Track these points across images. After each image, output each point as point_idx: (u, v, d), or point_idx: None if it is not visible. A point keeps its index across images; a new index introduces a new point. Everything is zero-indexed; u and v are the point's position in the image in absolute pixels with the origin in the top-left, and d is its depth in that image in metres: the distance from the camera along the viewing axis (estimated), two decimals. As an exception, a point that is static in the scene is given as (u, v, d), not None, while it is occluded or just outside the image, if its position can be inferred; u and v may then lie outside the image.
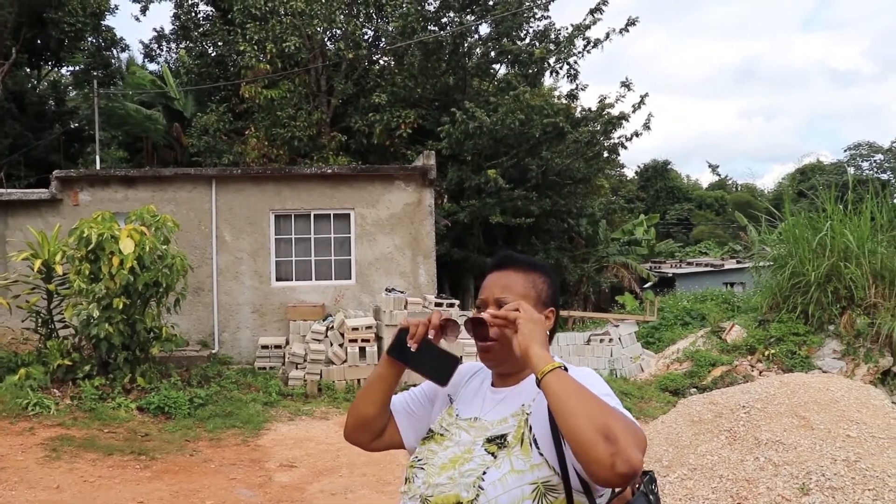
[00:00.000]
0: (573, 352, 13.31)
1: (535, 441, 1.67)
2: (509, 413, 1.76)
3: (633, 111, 18.92)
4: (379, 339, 11.79)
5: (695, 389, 11.63)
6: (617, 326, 14.13)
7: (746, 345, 12.83)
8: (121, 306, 9.48)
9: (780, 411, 5.46)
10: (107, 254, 9.50)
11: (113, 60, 25.22)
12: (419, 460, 1.81)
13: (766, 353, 12.43)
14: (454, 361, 1.83)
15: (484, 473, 1.64)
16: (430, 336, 1.83)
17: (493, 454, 1.67)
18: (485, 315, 1.73)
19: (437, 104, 20.07)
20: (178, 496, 6.69)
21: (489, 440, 1.71)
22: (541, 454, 1.65)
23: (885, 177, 36.58)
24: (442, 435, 1.83)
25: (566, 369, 1.59)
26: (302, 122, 18.94)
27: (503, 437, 1.69)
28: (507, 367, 1.82)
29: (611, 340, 13.40)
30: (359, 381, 11.33)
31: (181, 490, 6.87)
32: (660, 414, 7.05)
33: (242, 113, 20.70)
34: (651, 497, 1.69)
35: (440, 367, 1.83)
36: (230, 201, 13.20)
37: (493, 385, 1.87)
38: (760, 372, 11.93)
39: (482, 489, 1.62)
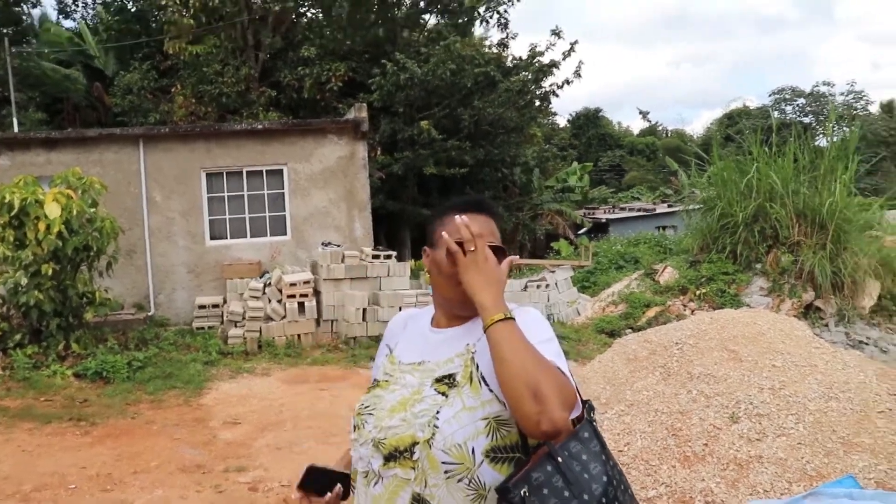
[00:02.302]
0: (510, 298, 13.28)
1: (483, 379, 1.69)
2: (454, 353, 1.78)
3: (564, 59, 19.04)
4: (317, 293, 11.80)
5: (630, 330, 11.97)
6: (553, 272, 14.40)
7: (679, 285, 13.23)
8: (50, 272, 9.25)
9: (710, 346, 5.69)
10: (32, 219, 9.24)
11: (24, 17, 24.10)
12: (366, 407, 1.82)
13: (698, 292, 12.85)
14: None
15: (438, 412, 1.67)
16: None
17: (443, 393, 1.69)
18: (477, 246, 1.70)
19: (368, 56, 19.82)
20: (122, 459, 6.67)
21: (437, 380, 1.73)
22: (490, 390, 1.66)
23: (807, 120, 37.64)
24: (386, 381, 1.85)
25: (513, 318, 1.62)
26: (230, 78, 18.52)
27: (451, 376, 1.72)
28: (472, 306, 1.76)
29: (547, 286, 13.65)
30: (299, 336, 11.36)
31: (124, 453, 6.84)
32: (596, 355, 7.27)
33: (167, 70, 20.13)
34: (594, 424, 1.72)
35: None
36: (159, 161, 12.90)
37: (433, 327, 1.89)
38: (692, 311, 12.33)
39: (437, 427, 1.65)
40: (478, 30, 23.38)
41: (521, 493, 1.57)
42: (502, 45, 21.28)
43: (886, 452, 4.47)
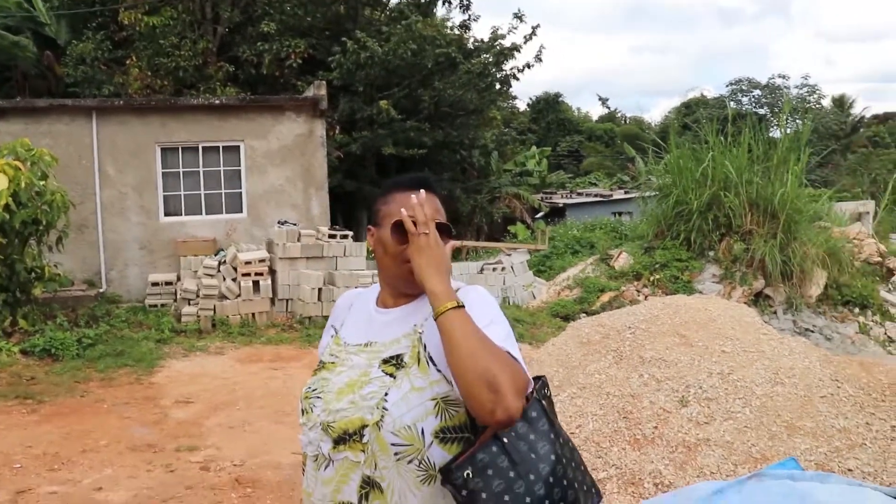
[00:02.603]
0: (467, 281, 13.32)
1: (430, 359, 1.69)
2: (401, 334, 1.77)
3: (525, 42, 19.07)
4: (272, 272, 11.71)
5: (584, 315, 12.10)
6: (509, 255, 14.48)
7: (633, 271, 13.42)
8: (-4, 246, 9.04)
9: (662, 331, 5.78)
10: (-23, 190, 8.99)
11: (-31, -21, 23.24)
12: (314, 390, 1.80)
13: (652, 278, 13.05)
14: None
15: (386, 394, 1.66)
16: None
17: (391, 375, 1.68)
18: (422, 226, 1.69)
19: (328, 34, 19.59)
20: (70, 438, 6.56)
21: (385, 361, 1.72)
22: (438, 371, 1.67)
23: (762, 111, 38.21)
24: (332, 363, 1.83)
25: (462, 306, 1.61)
26: (187, 51, 18.16)
27: (398, 357, 1.71)
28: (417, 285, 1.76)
29: (503, 269, 13.73)
30: (253, 315, 11.27)
31: (72, 432, 6.74)
32: (550, 338, 7.35)
33: (122, 41, 19.64)
34: (544, 402, 1.71)
35: None
36: (112, 134, 12.62)
37: (379, 307, 1.87)
38: (646, 296, 12.52)
39: (386, 409, 1.64)
40: (440, 10, 23.26)
41: (465, 474, 1.57)
42: (464, 26, 21.21)
43: (827, 436, 4.61)
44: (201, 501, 5.11)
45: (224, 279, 11.38)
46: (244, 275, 11.33)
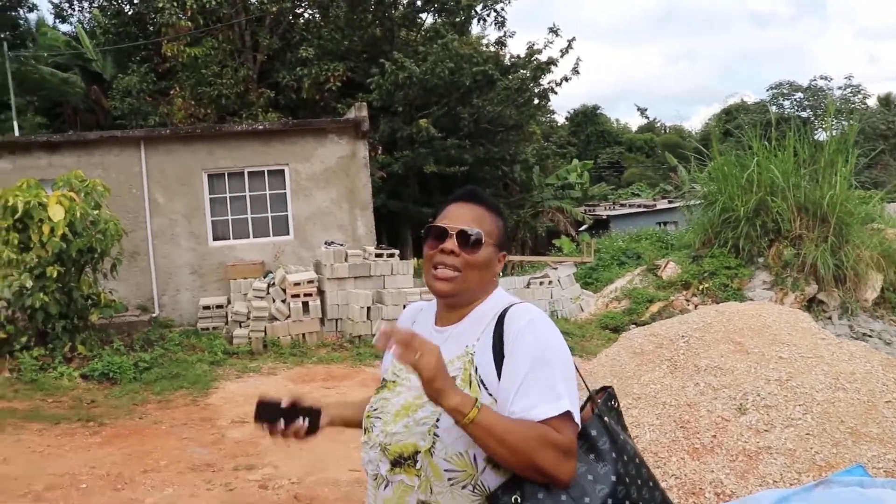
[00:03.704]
0: (514, 296, 13.55)
1: (482, 382, 1.67)
2: (455, 355, 1.74)
3: (562, 56, 19.08)
4: (321, 292, 11.83)
5: (634, 326, 12.00)
6: (555, 269, 14.44)
7: (681, 280, 13.27)
8: (55, 275, 9.27)
9: (716, 338, 5.71)
10: (35, 222, 9.25)
11: (21, 21, 24.08)
12: (375, 409, 1.82)
13: (701, 287, 12.89)
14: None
15: (438, 420, 1.65)
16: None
17: None
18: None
19: (366, 56, 19.85)
20: (132, 459, 6.69)
21: None
22: (490, 394, 1.66)
23: (804, 114, 37.60)
24: (394, 382, 1.83)
25: (481, 406, 1.58)
26: (228, 79, 18.55)
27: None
28: (460, 299, 1.81)
29: (550, 283, 13.69)
30: (304, 335, 11.39)
31: (134, 453, 6.87)
32: (600, 351, 7.30)
33: (166, 72, 20.13)
34: (606, 419, 1.71)
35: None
36: (161, 163, 12.93)
37: (437, 325, 1.86)
38: (696, 306, 12.37)
39: (437, 436, 1.64)
40: (475, 28, 23.45)
41: (513, 499, 1.58)
42: (500, 43, 21.35)
43: (895, 442, 4.50)
44: (261, 520, 5.16)
45: (273, 301, 11.53)
46: (293, 296, 11.46)
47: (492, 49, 21.27)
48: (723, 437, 4.77)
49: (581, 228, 24.89)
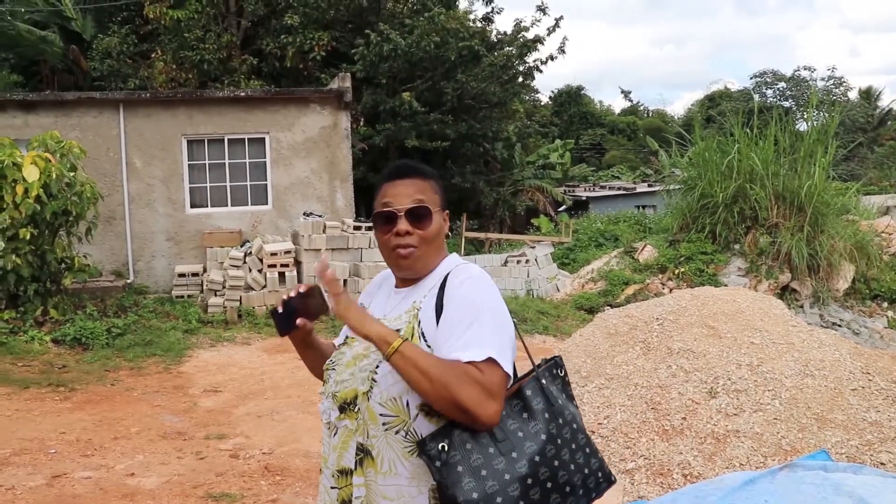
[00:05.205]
0: (491, 273, 13.51)
1: (423, 334, 1.77)
2: (404, 310, 1.86)
3: (548, 34, 18.99)
4: (298, 263, 11.79)
5: (609, 307, 12.06)
6: (533, 248, 14.47)
7: (658, 264, 13.36)
8: (28, 237, 9.16)
9: (690, 322, 5.76)
10: (9, 182, 9.12)
11: (-4, -25, 23.47)
12: (332, 362, 1.93)
13: (676, 271, 12.99)
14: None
15: (377, 367, 1.76)
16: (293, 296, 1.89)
17: None
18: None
19: (351, 26, 19.60)
20: (102, 425, 6.66)
21: None
22: (428, 346, 1.74)
23: (787, 104, 37.77)
24: (353, 339, 1.92)
25: (405, 339, 1.68)
26: (211, 44, 18.26)
27: (397, 332, 1.75)
28: (424, 270, 1.90)
29: (527, 262, 13.72)
30: (279, 306, 11.34)
31: (104, 419, 6.84)
32: (575, 331, 7.35)
33: (147, 35, 19.77)
34: (543, 381, 1.77)
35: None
36: (139, 127, 12.75)
37: (396, 287, 1.96)
38: (671, 290, 12.46)
39: (375, 381, 1.74)
40: (463, 3, 23.24)
41: (440, 446, 1.64)
42: (487, 19, 21.15)
43: (858, 429, 4.58)
44: (231, 488, 5.17)
45: (250, 270, 11.47)
46: (270, 266, 11.42)
47: (478, 25, 21.05)
48: (692, 419, 4.83)
49: (560, 209, 24.95)
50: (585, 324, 7.67)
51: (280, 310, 1.88)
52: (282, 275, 11.44)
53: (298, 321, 1.86)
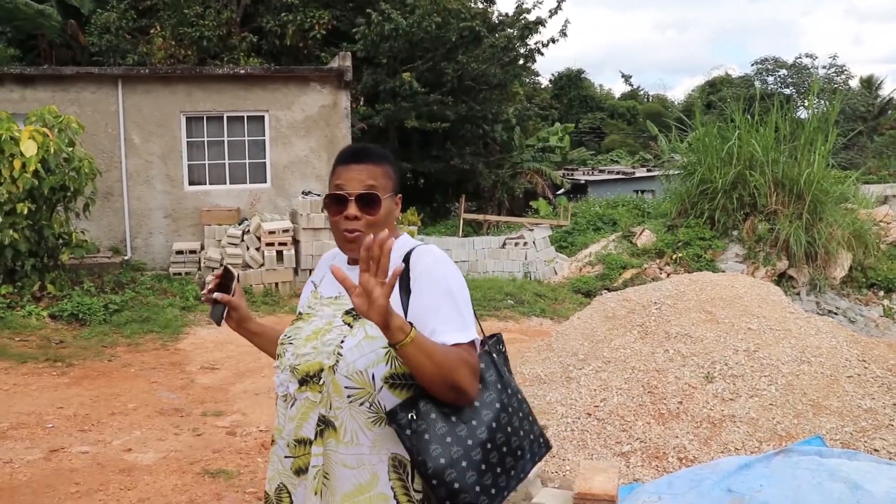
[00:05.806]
0: (488, 255, 13.61)
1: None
2: None
3: (550, 17, 18.89)
4: (296, 242, 11.78)
5: (606, 291, 12.10)
6: (531, 231, 14.47)
7: (656, 249, 13.38)
8: (25, 211, 9.14)
9: (688, 307, 5.78)
10: (6, 156, 9.09)
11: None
12: (287, 337, 1.96)
13: (674, 256, 13.01)
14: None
15: (342, 341, 1.80)
16: (213, 288, 2.10)
17: (349, 324, 1.82)
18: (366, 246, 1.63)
19: (352, 5, 19.47)
20: (99, 400, 6.68)
21: (346, 312, 1.86)
22: None
23: (787, 91, 37.64)
24: (308, 314, 1.99)
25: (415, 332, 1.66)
26: (211, 21, 18.12)
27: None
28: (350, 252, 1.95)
29: (525, 244, 13.73)
30: (276, 284, 11.35)
31: (101, 395, 6.86)
32: (571, 314, 7.36)
33: (146, 10, 19.61)
34: (494, 355, 1.86)
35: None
36: (138, 103, 12.68)
37: (350, 263, 1.97)
38: (668, 274, 12.50)
39: (341, 355, 1.78)
40: (465, -17, 23.01)
41: (409, 416, 1.71)
42: (489, 0, 21.03)
43: (853, 415, 4.60)
44: (228, 465, 5.20)
45: (248, 248, 11.47)
46: (268, 244, 11.41)
47: (480, 6, 20.92)
48: (689, 403, 4.85)
49: (559, 192, 24.90)
50: (582, 307, 7.68)
51: (210, 305, 2.12)
52: (279, 253, 11.43)
53: (217, 295, 2.08)
